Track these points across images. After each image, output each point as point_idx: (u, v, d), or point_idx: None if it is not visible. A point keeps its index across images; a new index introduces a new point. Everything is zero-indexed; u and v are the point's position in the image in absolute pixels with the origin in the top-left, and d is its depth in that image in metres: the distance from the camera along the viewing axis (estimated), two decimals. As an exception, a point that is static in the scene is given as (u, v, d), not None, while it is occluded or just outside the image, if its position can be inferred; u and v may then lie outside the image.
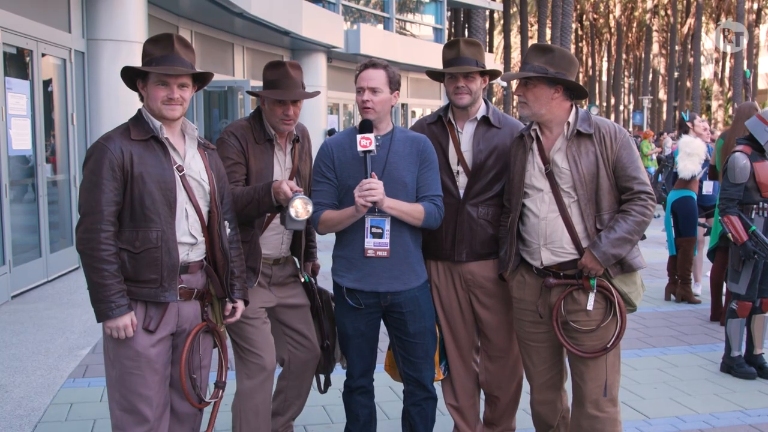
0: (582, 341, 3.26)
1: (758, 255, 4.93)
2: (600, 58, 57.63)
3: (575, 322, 3.26)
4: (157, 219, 2.86)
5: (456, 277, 3.65)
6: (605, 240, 3.16)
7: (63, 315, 6.85)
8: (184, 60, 2.95)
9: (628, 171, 3.21)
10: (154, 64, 2.92)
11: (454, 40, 3.62)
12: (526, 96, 3.27)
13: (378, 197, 3.13)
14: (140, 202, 2.85)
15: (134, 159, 2.86)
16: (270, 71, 3.50)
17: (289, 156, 3.59)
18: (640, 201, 3.19)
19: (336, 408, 3.98)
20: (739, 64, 38.45)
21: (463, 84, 3.52)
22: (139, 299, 2.88)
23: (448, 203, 3.53)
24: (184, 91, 2.95)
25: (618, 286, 3.25)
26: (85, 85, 9.22)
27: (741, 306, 5.16)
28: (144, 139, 2.91)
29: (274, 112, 3.46)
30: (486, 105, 3.65)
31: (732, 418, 4.48)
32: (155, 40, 2.97)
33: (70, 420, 4.43)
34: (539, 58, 3.24)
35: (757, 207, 5.10)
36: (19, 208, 8.08)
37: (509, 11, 40.76)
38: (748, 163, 5.04)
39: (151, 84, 2.93)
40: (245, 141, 3.46)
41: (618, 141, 3.23)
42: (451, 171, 3.58)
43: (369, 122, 3.24)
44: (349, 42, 19.43)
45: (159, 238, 2.86)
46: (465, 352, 3.74)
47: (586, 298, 3.24)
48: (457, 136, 3.61)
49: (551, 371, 3.49)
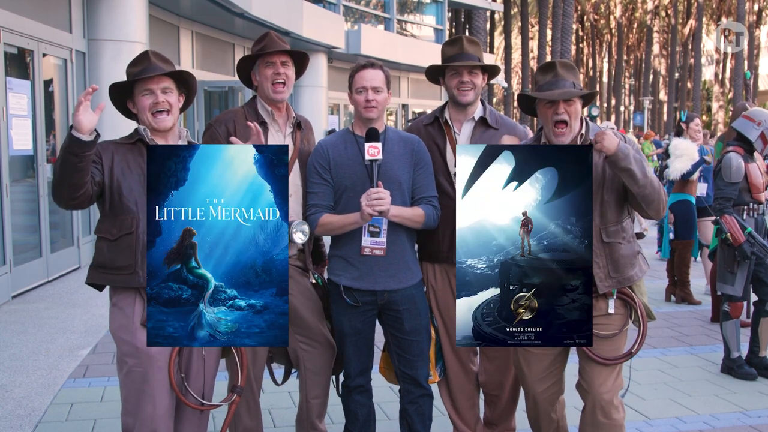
0: (598, 347, 3.22)
1: (756, 256, 4.96)
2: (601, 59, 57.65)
3: (594, 327, 3.18)
4: (134, 208, 2.95)
5: (453, 280, 3.63)
6: (631, 153, 3.00)
7: (63, 315, 6.85)
8: (162, 68, 3.06)
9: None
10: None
11: (457, 36, 3.61)
12: (569, 114, 3.08)
13: (385, 207, 3.13)
14: (118, 193, 2.95)
15: (115, 157, 2.99)
16: (256, 43, 3.51)
17: (290, 138, 3.54)
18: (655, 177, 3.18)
19: (335, 408, 3.97)
20: (740, 65, 38.47)
21: (467, 79, 3.52)
22: (116, 285, 2.96)
23: (445, 205, 3.51)
24: (168, 96, 3.05)
25: (638, 296, 3.26)
26: (86, 85, 9.22)
27: (733, 307, 5.21)
28: (130, 142, 3.04)
29: (264, 75, 3.43)
30: (483, 106, 3.65)
31: (732, 419, 4.47)
32: (134, 61, 3.11)
33: (70, 420, 4.44)
34: (570, 75, 3.15)
35: (748, 208, 5.21)
36: (20, 208, 8.08)
37: (510, 12, 40.77)
38: (742, 162, 5.13)
39: (137, 96, 3.06)
40: (233, 124, 3.43)
41: None
42: (449, 172, 3.57)
43: (375, 130, 3.22)
44: (350, 42, 19.45)
45: (134, 224, 2.93)
46: (462, 355, 3.74)
47: (606, 304, 3.22)
48: (454, 137, 3.60)
49: (549, 380, 3.41)
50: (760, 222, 5.18)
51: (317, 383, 3.60)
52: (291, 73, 3.49)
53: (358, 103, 3.36)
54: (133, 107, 3.10)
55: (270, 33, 3.52)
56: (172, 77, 3.07)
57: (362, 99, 3.33)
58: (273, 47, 3.43)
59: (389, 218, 3.25)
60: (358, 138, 3.38)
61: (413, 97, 24.75)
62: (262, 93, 3.50)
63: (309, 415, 3.64)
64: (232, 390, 3.18)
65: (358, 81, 3.35)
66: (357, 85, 3.36)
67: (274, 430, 4.27)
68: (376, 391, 3.64)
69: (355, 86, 3.36)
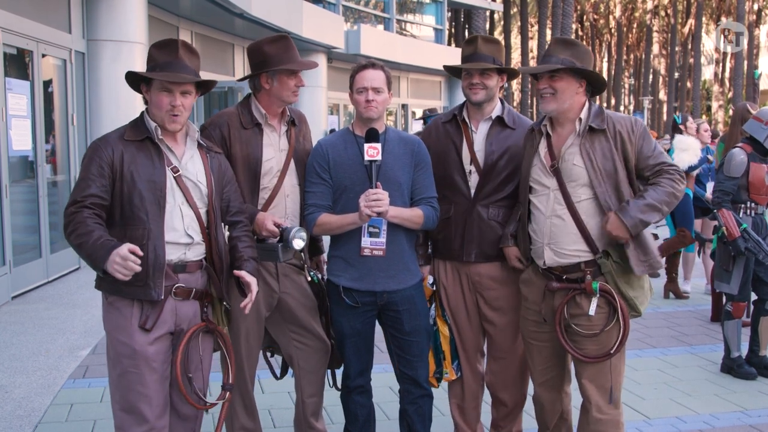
0: (584, 345, 3.23)
1: (750, 252, 4.96)
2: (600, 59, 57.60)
3: (578, 326, 3.22)
4: (145, 217, 2.88)
5: (463, 278, 3.64)
6: (633, 204, 3.07)
7: (63, 315, 6.85)
8: (188, 66, 2.96)
9: (651, 160, 3.16)
10: (158, 69, 2.94)
11: (473, 36, 3.62)
12: (553, 87, 3.18)
13: (384, 208, 3.13)
14: (129, 201, 2.88)
15: (125, 158, 2.90)
16: (268, 45, 3.42)
17: (285, 137, 3.53)
18: (668, 175, 3.14)
19: (335, 408, 3.97)
20: (740, 65, 38.45)
21: (478, 81, 3.52)
22: (125, 297, 2.89)
23: (458, 202, 3.53)
24: (186, 99, 2.97)
25: (624, 290, 3.19)
26: (86, 85, 9.23)
27: (736, 307, 5.20)
28: (138, 139, 2.95)
29: (286, 85, 3.40)
30: (501, 105, 3.64)
31: (732, 418, 4.47)
32: (161, 45, 2.99)
33: (70, 420, 4.43)
34: (564, 51, 3.19)
35: (745, 206, 5.20)
36: (20, 209, 8.08)
37: (509, 12, 40.75)
38: (745, 158, 5.13)
39: (154, 90, 2.95)
40: (228, 128, 3.41)
41: (636, 133, 3.17)
42: (464, 170, 3.57)
43: (375, 130, 3.23)
44: (350, 42, 19.45)
45: (145, 236, 2.87)
46: (470, 354, 3.74)
47: (589, 303, 3.19)
48: (471, 135, 3.59)
49: (552, 371, 3.47)
50: (759, 222, 5.17)
51: (312, 382, 3.61)
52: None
53: (358, 103, 3.36)
54: (146, 92, 3.00)
55: (289, 40, 3.49)
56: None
57: (362, 99, 3.33)
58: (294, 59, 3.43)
59: (388, 219, 3.25)
60: (358, 138, 3.38)
61: (413, 97, 24.74)
62: (272, 97, 3.46)
63: (305, 415, 3.65)
64: (223, 387, 3.18)
65: (358, 81, 3.35)
66: (357, 85, 3.35)
67: (274, 430, 4.27)
68: (376, 391, 3.64)
69: (356, 86, 3.36)
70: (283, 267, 3.50)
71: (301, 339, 3.56)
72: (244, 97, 3.57)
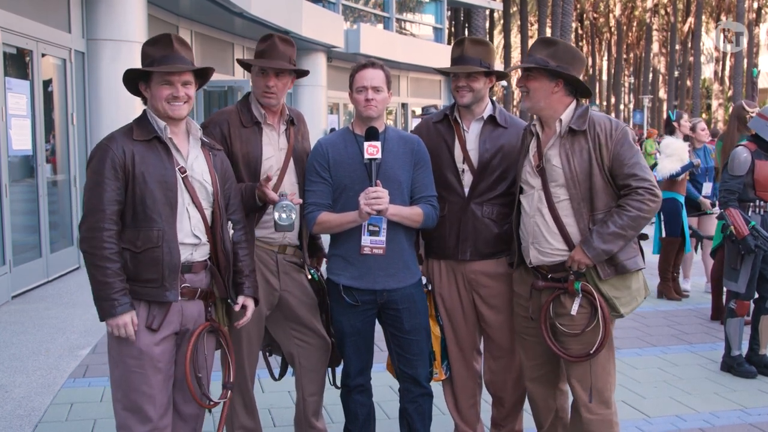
0: (569, 345, 3.24)
1: (760, 249, 4.95)
2: (600, 57, 57.61)
3: (562, 325, 3.24)
4: (158, 219, 2.87)
5: (459, 277, 3.65)
6: (596, 235, 3.09)
7: (63, 315, 6.85)
8: (185, 58, 2.96)
9: (625, 169, 3.10)
10: (155, 64, 2.93)
11: (461, 38, 3.61)
12: (526, 86, 3.23)
13: (383, 206, 3.14)
14: (141, 202, 2.86)
15: (136, 159, 2.87)
16: (260, 43, 3.50)
17: (284, 136, 3.54)
18: (637, 195, 3.08)
19: (335, 407, 3.98)
20: (740, 63, 38.45)
21: (464, 83, 3.52)
22: (141, 299, 2.89)
23: (452, 201, 3.54)
24: (188, 89, 2.97)
25: (605, 290, 3.16)
26: (85, 85, 9.22)
27: (740, 305, 5.18)
28: (147, 139, 2.92)
29: (257, 84, 3.45)
30: (493, 105, 3.65)
31: (732, 417, 4.47)
32: (154, 41, 2.98)
33: (70, 420, 4.43)
34: (542, 50, 3.21)
35: (754, 204, 5.18)
36: (20, 208, 8.08)
37: (509, 11, 40.74)
38: (749, 156, 5.11)
39: (154, 85, 2.94)
40: (228, 125, 3.42)
41: (614, 138, 3.12)
42: (457, 169, 3.58)
43: (375, 129, 3.24)
44: (349, 42, 19.45)
45: (160, 237, 2.86)
46: (467, 353, 3.74)
47: (572, 302, 3.20)
48: (463, 134, 3.61)
49: (544, 367, 3.48)
50: (767, 220, 5.15)
51: (313, 380, 3.61)
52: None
53: (358, 102, 3.37)
54: (145, 90, 2.99)
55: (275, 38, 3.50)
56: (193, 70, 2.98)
57: (362, 98, 3.34)
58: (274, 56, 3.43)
59: (387, 217, 3.25)
60: (357, 137, 3.39)
61: (413, 96, 24.74)
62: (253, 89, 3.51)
63: (306, 414, 3.65)
64: (224, 386, 3.18)
65: (358, 80, 3.36)
66: (357, 84, 3.36)
67: (274, 429, 4.27)
68: (376, 391, 3.64)
69: (356, 85, 3.37)
70: (283, 265, 3.51)
71: (302, 337, 3.57)
72: (243, 96, 3.58)
